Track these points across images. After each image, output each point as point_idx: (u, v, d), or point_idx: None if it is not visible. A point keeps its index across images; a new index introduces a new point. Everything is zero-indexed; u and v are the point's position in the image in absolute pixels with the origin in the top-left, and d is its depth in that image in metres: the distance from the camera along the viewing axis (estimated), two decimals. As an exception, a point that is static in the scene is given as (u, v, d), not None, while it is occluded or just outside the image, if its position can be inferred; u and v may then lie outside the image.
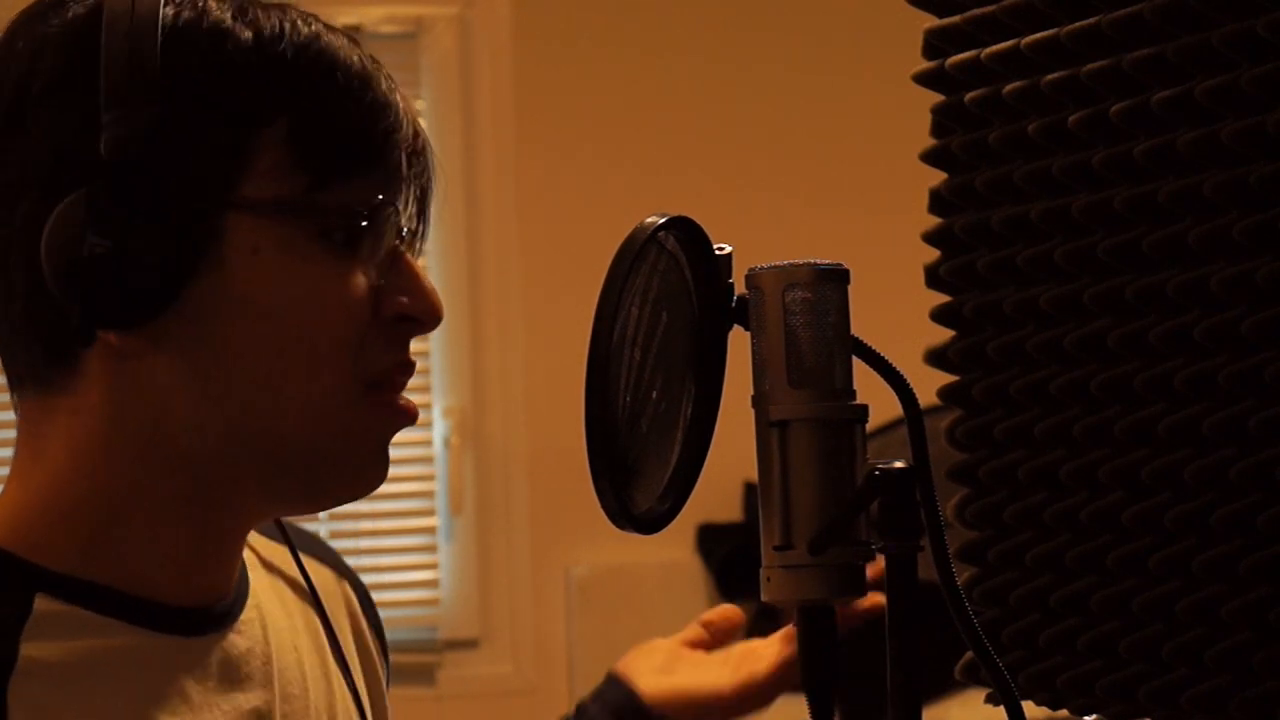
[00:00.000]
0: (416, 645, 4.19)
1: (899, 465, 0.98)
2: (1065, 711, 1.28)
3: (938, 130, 1.32)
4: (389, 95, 1.11)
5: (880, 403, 1.06)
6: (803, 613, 1.00)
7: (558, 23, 4.34)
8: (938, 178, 1.32)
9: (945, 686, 3.04)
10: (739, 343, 1.02)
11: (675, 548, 4.16)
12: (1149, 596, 1.19)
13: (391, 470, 1.13)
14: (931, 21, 1.31)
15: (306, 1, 1.19)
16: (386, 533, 4.24)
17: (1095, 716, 1.26)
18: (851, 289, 1.00)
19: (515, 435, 4.25)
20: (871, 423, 1.00)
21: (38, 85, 1.07)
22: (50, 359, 1.09)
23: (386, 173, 1.11)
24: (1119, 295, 1.19)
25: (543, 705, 4.08)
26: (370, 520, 4.19)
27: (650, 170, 4.27)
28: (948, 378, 1.33)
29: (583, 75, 4.33)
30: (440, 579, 4.25)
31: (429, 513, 4.26)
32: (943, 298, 1.33)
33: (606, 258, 0.96)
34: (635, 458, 0.98)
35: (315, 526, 3.98)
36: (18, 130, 1.07)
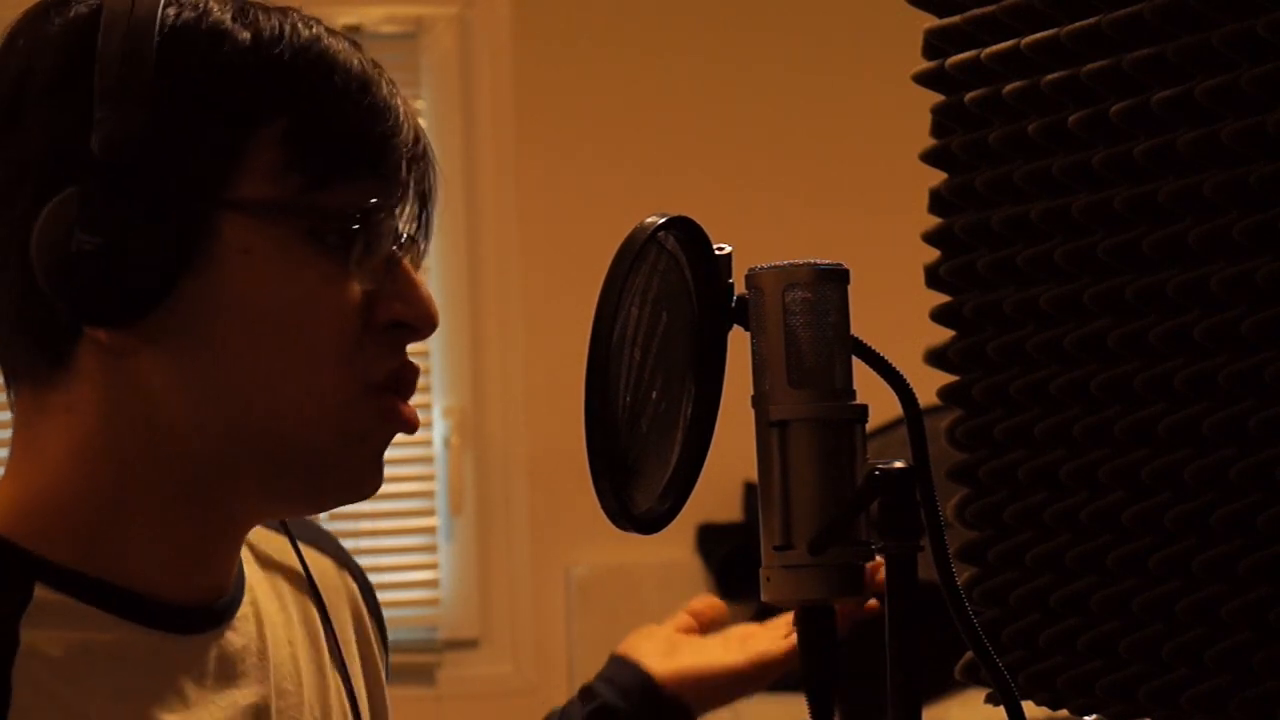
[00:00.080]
0: (416, 645, 4.19)
1: (899, 465, 0.98)
2: (1065, 711, 1.28)
3: (938, 130, 1.32)
4: (389, 100, 1.11)
5: (880, 403, 1.06)
6: (803, 613, 1.00)
7: (558, 23, 4.34)
8: (938, 178, 1.32)
9: (945, 686, 3.05)
10: (739, 343, 1.02)
11: (675, 548, 4.17)
12: (1149, 596, 1.19)
13: (391, 470, 1.13)
14: (931, 21, 1.31)
15: (306, 1, 1.19)
16: (386, 533, 4.25)
17: (1095, 716, 1.26)
18: (851, 289, 1.00)
19: (515, 435, 4.26)
20: (871, 423, 1.00)
21: (36, 83, 1.08)
22: (44, 356, 1.09)
23: (383, 177, 1.11)
24: (1119, 295, 1.19)
25: (543, 705, 4.07)
26: (370, 520, 4.19)
27: (650, 170, 4.27)
28: (948, 378, 1.33)
29: (583, 75, 4.33)
30: (440, 579, 4.25)
31: (429, 513, 4.26)
32: (943, 298, 1.33)
33: (606, 258, 0.96)
34: (635, 458, 0.98)
35: (315, 526, 3.98)
36: (15, 127, 1.08)
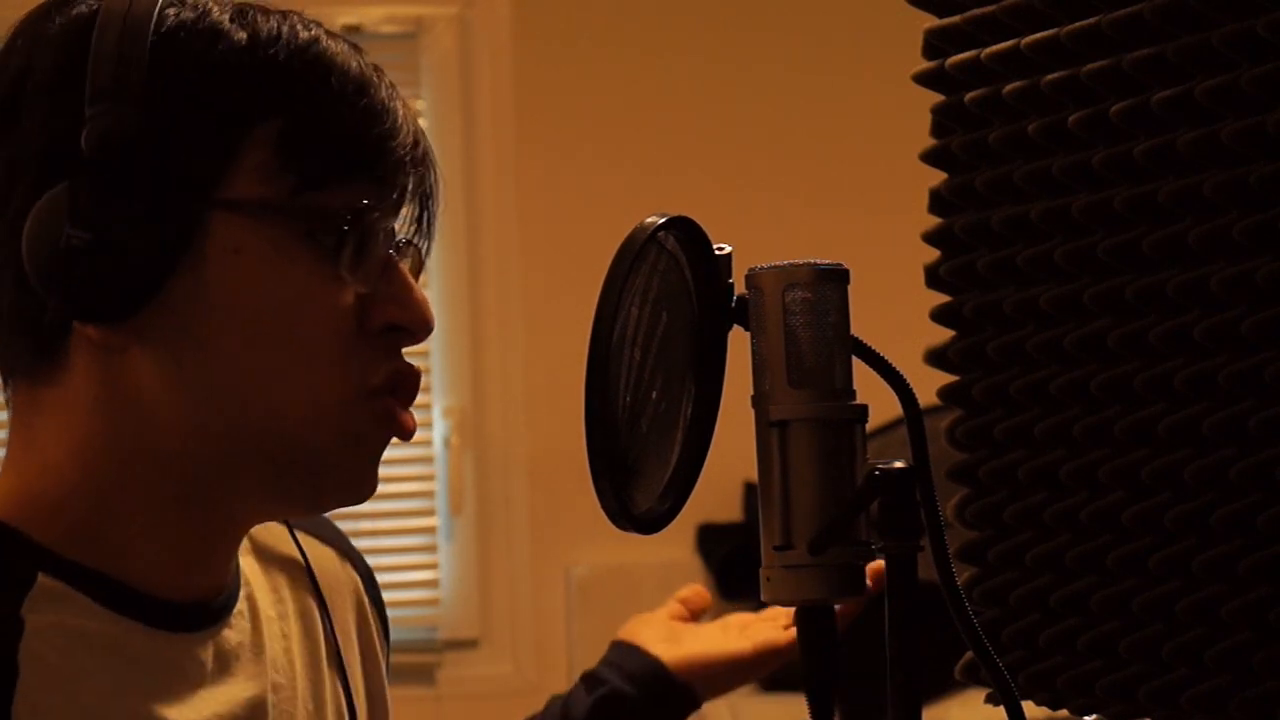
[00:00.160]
0: (416, 645, 4.19)
1: (899, 465, 0.98)
2: (1065, 711, 1.28)
3: (938, 130, 1.32)
4: (387, 102, 1.11)
5: (880, 403, 1.06)
6: (803, 613, 1.00)
7: (558, 23, 4.34)
8: (938, 178, 1.32)
9: (945, 686, 3.05)
10: (739, 343, 1.02)
11: (675, 548, 4.16)
12: (1149, 596, 1.19)
13: (391, 470, 1.14)
14: (931, 21, 1.31)
15: (306, 1, 1.19)
16: (386, 533, 4.24)
17: (1095, 716, 1.26)
18: (851, 289, 1.00)
19: (515, 435, 4.25)
20: (871, 423, 1.00)
21: (34, 82, 1.08)
22: (37, 351, 1.09)
23: (378, 179, 1.11)
24: (1119, 295, 1.19)
25: (543, 705, 4.08)
26: (370, 520, 4.19)
27: (650, 170, 4.27)
28: (948, 378, 1.33)
29: (583, 75, 4.33)
30: (440, 579, 4.25)
31: (429, 513, 4.26)
32: (943, 298, 1.33)
33: (606, 258, 0.96)
34: (635, 458, 0.98)
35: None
36: (13, 126, 1.08)
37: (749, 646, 1.50)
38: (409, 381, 1.12)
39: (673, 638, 1.51)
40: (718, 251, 1.02)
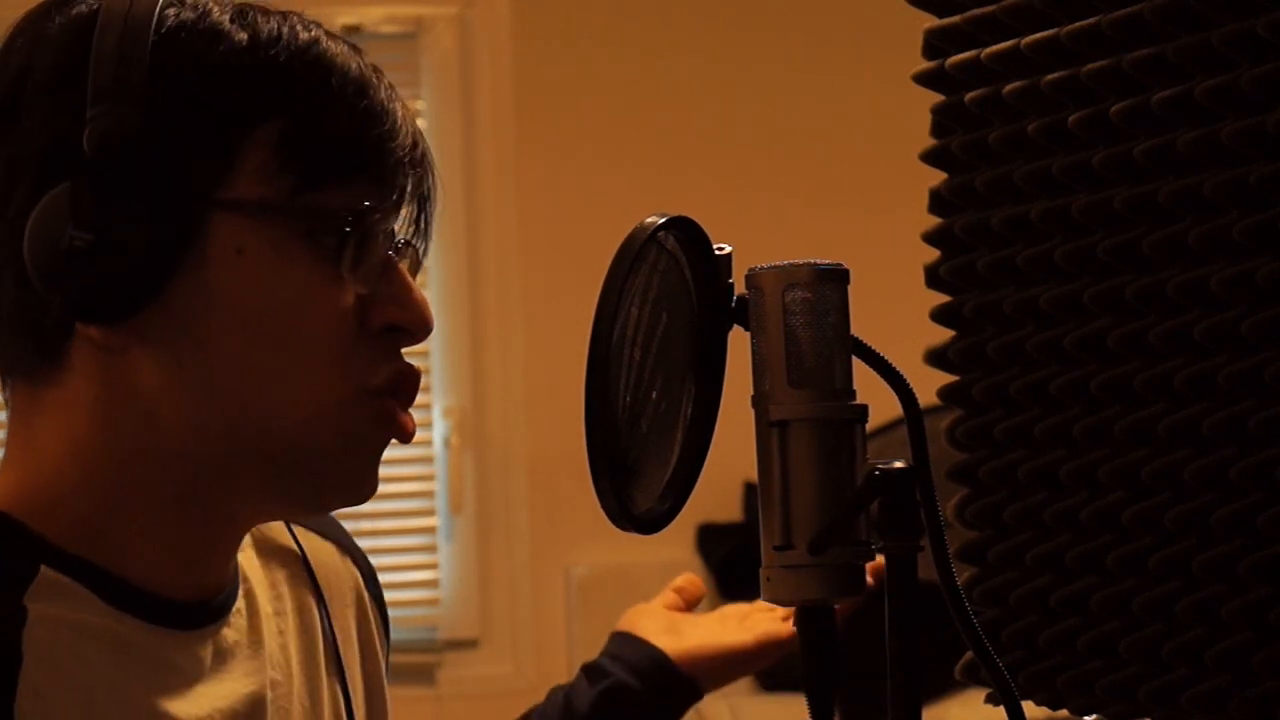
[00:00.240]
0: (416, 645, 4.19)
1: (899, 465, 0.98)
2: (1065, 711, 1.28)
3: (938, 130, 1.32)
4: (387, 103, 1.11)
5: (880, 403, 1.06)
6: (803, 613, 1.00)
7: (558, 23, 4.34)
8: (938, 178, 1.32)
9: (945, 686, 3.05)
10: (739, 343, 1.02)
11: (675, 548, 4.17)
12: (1149, 596, 1.19)
13: (391, 470, 1.14)
14: (931, 21, 1.31)
15: (307, 1, 1.19)
16: (386, 533, 4.24)
17: (1095, 716, 1.26)
18: (851, 289, 1.00)
19: (515, 435, 4.26)
20: (871, 423, 1.00)
21: (34, 82, 1.08)
22: (38, 352, 1.09)
23: (377, 180, 1.11)
24: (1119, 295, 1.19)
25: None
26: (370, 520, 4.19)
27: (650, 170, 4.27)
28: (948, 378, 1.33)
29: (583, 75, 4.33)
30: (440, 579, 4.25)
31: (429, 513, 4.26)
32: (943, 298, 1.33)
33: (606, 258, 0.96)
34: (635, 458, 0.98)
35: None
36: (13, 126, 1.08)
37: (750, 639, 1.50)
38: (409, 382, 1.13)
39: (673, 629, 1.51)
40: (718, 251, 1.02)
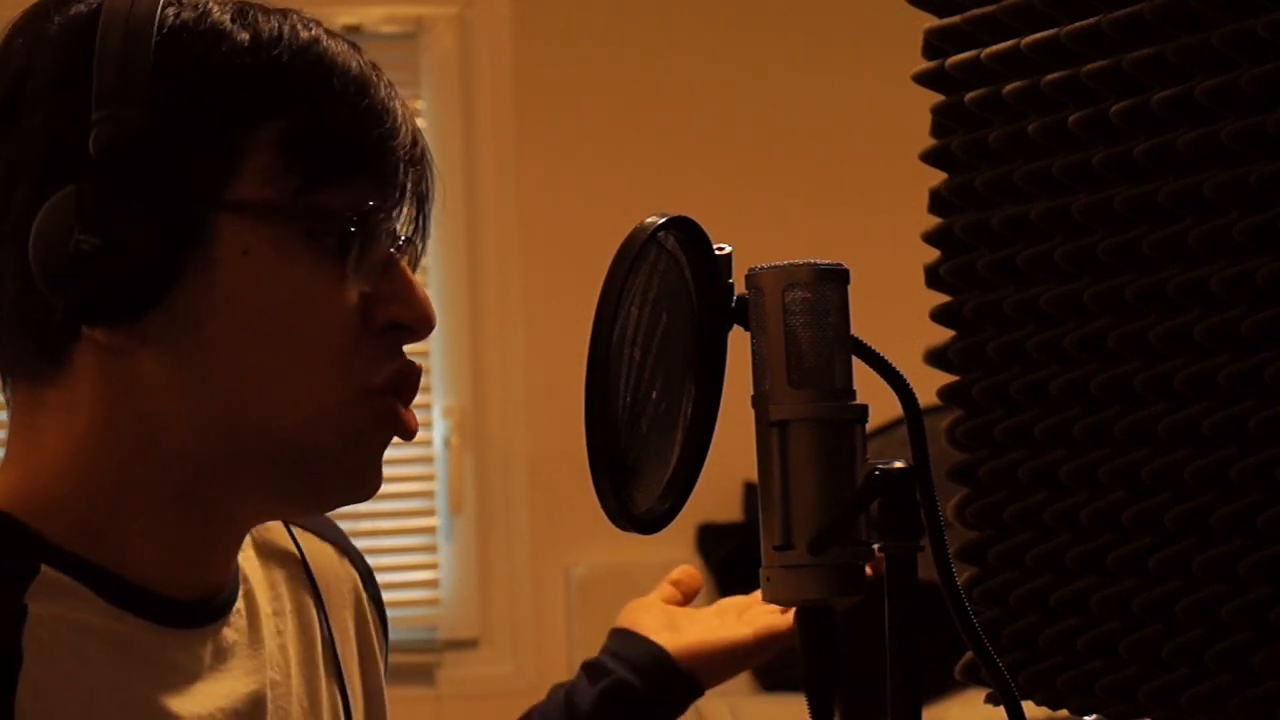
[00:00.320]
0: (416, 645, 4.19)
1: (899, 465, 0.98)
2: (1065, 711, 1.28)
3: (938, 130, 1.32)
4: (387, 102, 1.11)
5: (880, 403, 1.06)
6: (803, 613, 1.00)
7: (558, 23, 4.34)
8: (938, 178, 1.32)
9: (945, 686, 3.05)
10: (739, 343, 1.02)
11: (675, 548, 4.16)
12: (1149, 596, 1.19)
13: (391, 470, 1.14)
14: (931, 21, 1.31)
15: (306, 2, 1.19)
16: (386, 533, 4.25)
17: (1095, 716, 1.26)
18: (851, 289, 1.00)
19: (515, 435, 4.26)
20: (871, 423, 1.00)
21: (35, 82, 1.08)
22: (43, 354, 1.09)
23: (380, 179, 1.11)
24: (1119, 295, 1.19)
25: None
26: (370, 520, 4.19)
27: (650, 170, 4.27)
28: (948, 378, 1.33)
29: (583, 75, 4.33)
30: (440, 579, 4.25)
31: (429, 513, 4.26)
32: (943, 298, 1.33)
33: (606, 258, 0.96)
34: (635, 458, 0.98)
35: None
36: (13, 126, 1.08)
37: (750, 633, 1.50)
38: (410, 380, 1.13)
39: (672, 625, 1.51)
40: (718, 251, 1.02)
